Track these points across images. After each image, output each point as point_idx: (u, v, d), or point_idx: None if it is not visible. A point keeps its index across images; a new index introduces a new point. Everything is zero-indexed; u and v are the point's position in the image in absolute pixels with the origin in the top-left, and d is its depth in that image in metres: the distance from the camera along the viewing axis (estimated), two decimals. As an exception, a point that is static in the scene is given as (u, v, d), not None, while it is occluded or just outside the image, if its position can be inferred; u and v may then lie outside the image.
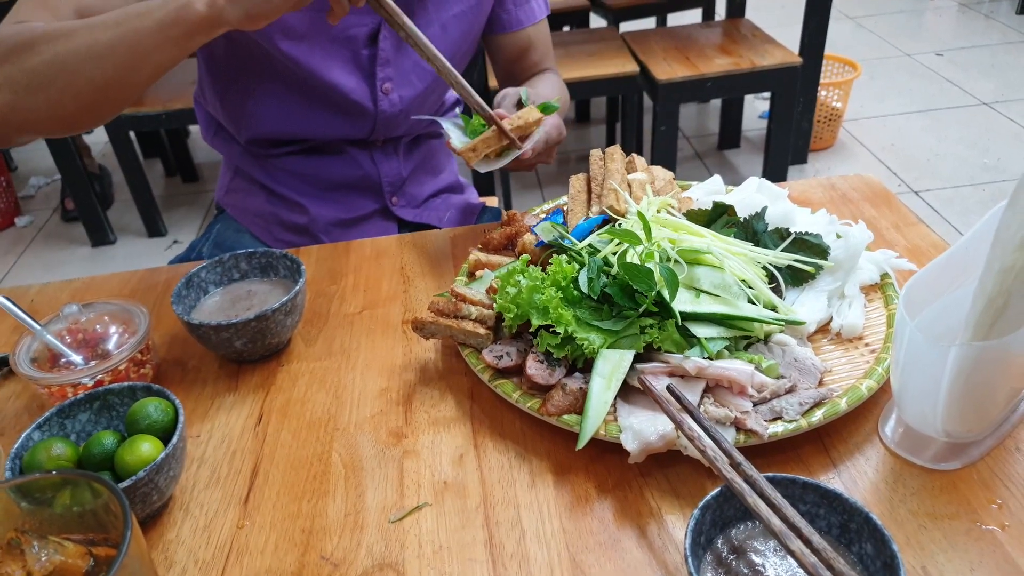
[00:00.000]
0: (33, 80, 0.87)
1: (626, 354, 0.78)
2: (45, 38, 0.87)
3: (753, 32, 2.91)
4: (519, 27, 1.30)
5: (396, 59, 1.18)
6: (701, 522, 0.60)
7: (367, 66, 1.17)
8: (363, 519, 0.72)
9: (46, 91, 0.88)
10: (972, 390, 0.65)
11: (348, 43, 1.15)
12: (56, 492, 0.56)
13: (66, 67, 0.86)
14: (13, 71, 0.87)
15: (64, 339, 0.88)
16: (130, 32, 0.86)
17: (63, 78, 0.87)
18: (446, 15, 1.19)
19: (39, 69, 0.87)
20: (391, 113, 1.22)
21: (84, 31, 0.87)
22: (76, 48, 0.86)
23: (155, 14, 0.85)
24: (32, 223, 3.33)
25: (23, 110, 0.89)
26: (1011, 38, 4.27)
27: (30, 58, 0.87)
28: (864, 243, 0.90)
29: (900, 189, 3.00)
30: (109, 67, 0.87)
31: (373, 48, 1.16)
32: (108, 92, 0.90)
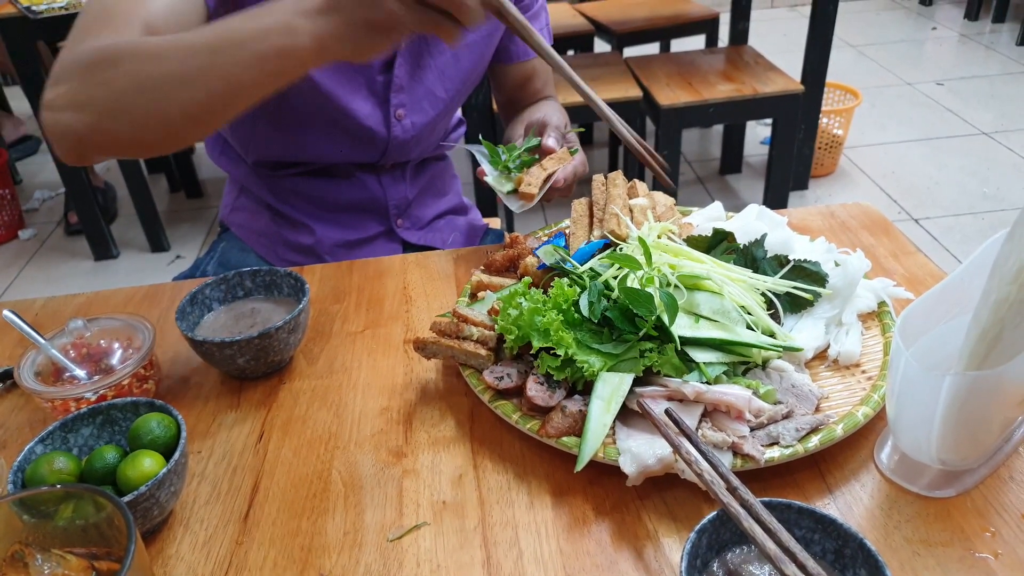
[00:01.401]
0: (117, 102, 0.82)
1: (625, 377, 0.79)
2: (130, 56, 0.81)
3: (756, 59, 2.94)
4: (526, 58, 1.33)
5: (410, 85, 1.20)
6: (697, 545, 0.60)
7: (381, 92, 1.19)
8: (362, 537, 0.72)
9: (130, 114, 0.82)
10: (966, 419, 0.66)
11: (364, 69, 1.16)
12: (59, 506, 0.56)
13: (153, 91, 0.80)
14: (96, 90, 0.82)
15: (68, 353, 0.88)
16: (226, 62, 0.78)
17: (150, 102, 0.81)
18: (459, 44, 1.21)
19: (125, 90, 0.81)
20: (403, 139, 1.24)
21: (174, 54, 0.80)
22: (165, 72, 0.80)
23: (254, 45, 0.77)
24: (35, 236, 3.34)
25: (105, 132, 0.84)
26: (1011, 69, 4.31)
27: (115, 78, 0.81)
28: (862, 271, 0.91)
29: (900, 217, 3.02)
30: (201, 95, 0.80)
31: (388, 75, 1.18)
32: (197, 120, 0.84)
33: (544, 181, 1.06)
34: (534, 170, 1.07)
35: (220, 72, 0.79)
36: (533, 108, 1.35)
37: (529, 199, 1.05)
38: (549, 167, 1.08)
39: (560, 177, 1.05)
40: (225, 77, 0.79)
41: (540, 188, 1.05)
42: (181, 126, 0.84)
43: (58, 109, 0.84)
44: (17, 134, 4.03)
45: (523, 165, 1.10)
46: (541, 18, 1.33)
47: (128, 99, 0.81)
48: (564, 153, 1.11)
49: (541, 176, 1.06)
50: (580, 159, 1.12)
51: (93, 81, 0.82)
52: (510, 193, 1.08)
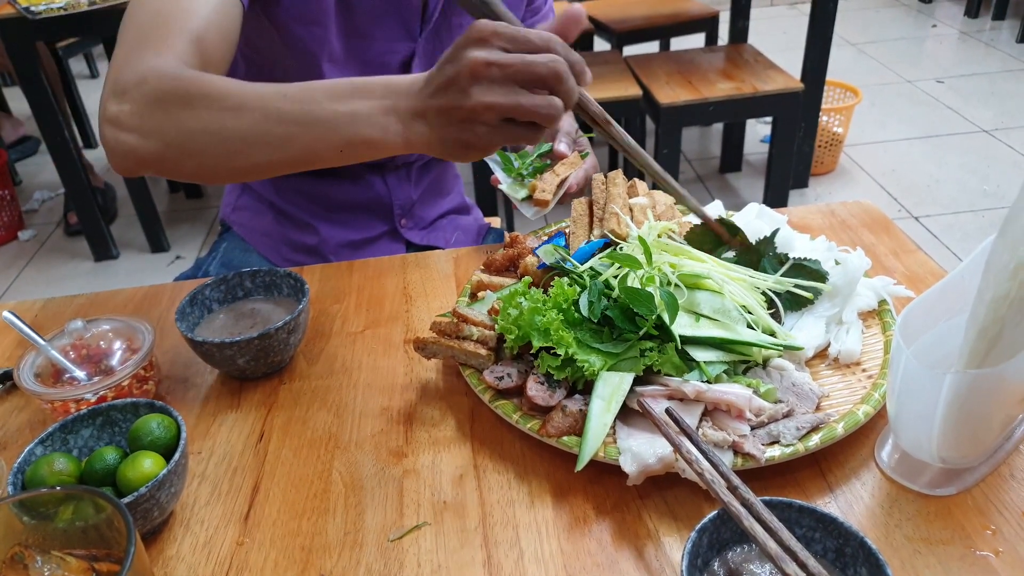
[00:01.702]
0: (188, 143, 0.81)
1: (626, 377, 0.79)
2: (206, 100, 0.80)
3: (755, 57, 2.94)
4: None
5: None
6: (698, 544, 0.60)
7: None
8: (363, 537, 0.72)
9: (199, 156, 0.82)
10: (967, 417, 0.66)
11: (381, 70, 1.16)
12: (58, 507, 0.56)
13: (229, 144, 0.80)
14: (167, 123, 0.82)
15: (68, 355, 0.88)
16: (310, 136, 0.77)
17: (223, 153, 0.81)
18: None
19: (197, 135, 0.81)
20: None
21: (256, 115, 0.78)
22: (245, 130, 0.79)
23: (343, 129, 0.76)
24: (35, 237, 3.34)
25: (169, 162, 0.85)
26: (1011, 66, 4.31)
27: (187, 118, 0.80)
28: (862, 270, 0.91)
29: (900, 215, 3.01)
30: (277, 158, 0.80)
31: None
32: (262, 172, 0.85)
33: (557, 187, 1.07)
34: (547, 176, 1.07)
35: (301, 144, 0.78)
36: None
37: (544, 205, 1.05)
38: (562, 172, 1.08)
39: (573, 182, 1.06)
40: (306, 149, 0.79)
41: (554, 194, 1.06)
42: (244, 174, 0.86)
43: (123, 129, 0.84)
44: (16, 135, 4.03)
45: (536, 171, 1.11)
46: (550, 18, 1.33)
47: (200, 144, 0.81)
48: (576, 158, 1.12)
49: (554, 182, 1.07)
50: (591, 163, 1.13)
51: (165, 114, 0.82)
52: (524, 200, 1.09)
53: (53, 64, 3.41)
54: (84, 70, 5.04)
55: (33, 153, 4.06)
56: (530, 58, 0.68)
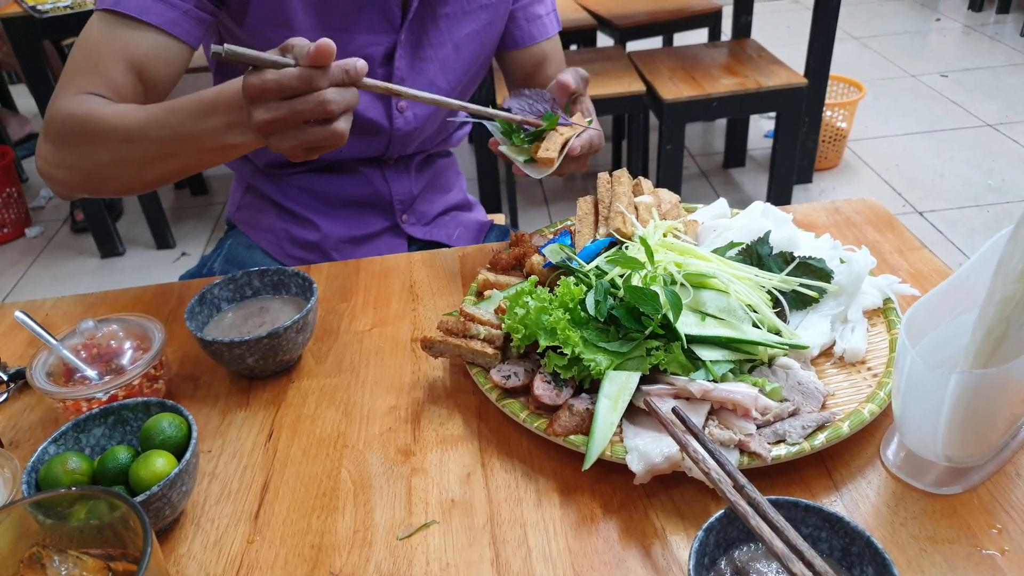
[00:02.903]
0: (102, 171, 0.98)
1: (632, 376, 0.79)
2: (106, 137, 0.94)
3: (759, 52, 2.93)
4: (532, 42, 1.32)
5: (411, 78, 1.20)
6: (705, 543, 0.61)
7: None
8: (372, 536, 0.73)
9: (111, 181, 1.00)
10: (973, 416, 0.66)
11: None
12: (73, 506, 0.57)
13: (132, 165, 0.96)
14: (76, 159, 0.98)
15: (79, 354, 0.89)
16: (184, 150, 0.93)
17: (130, 173, 0.97)
18: (459, 35, 1.21)
19: (107, 164, 0.97)
20: (406, 131, 1.24)
21: (138, 143, 0.93)
22: (133, 157, 0.95)
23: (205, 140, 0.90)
24: (42, 234, 3.35)
25: (92, 189, 1.02)
26: (1015, 60, 4.29)
27: (96, 153, 0.96)
28: (867, 268, 0.92)
29: (904, 210, 3.01)
30: (173, 167, 0.96)
31: (389, 67, 1.18)
32: (173, 179, 1.01)
33: (561, 147, 1.01)
34: (551, 135, 1.02)
35: (186, 156, 0.94)
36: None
37: (549, 164, 1.00)
38: (565, 133, 1.03)
39: (576, 144, 1.02)
40: (191, 159, 0.95)
41: (559, 152, 1.00)
42: (159, 184, 1.02)
43: (49, 164, 1.00)
44: (23, 132, 4.04)
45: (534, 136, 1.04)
46: (546, 2, 1.32)
47: (110, 171, 0.98)
48: (579, 120, 1.08)
49: (559, 141, 1.01)
50: (596, 132, 1.08)
51: (73, 151, 0.98)
52: (527, 162, 1.04)
53: (59, 62, 3.42)
54: (88, 67, 5.04)
55: (39, 150, 4.07)
56: (299, 107, 0.81)
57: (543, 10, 1.32)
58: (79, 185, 1.01)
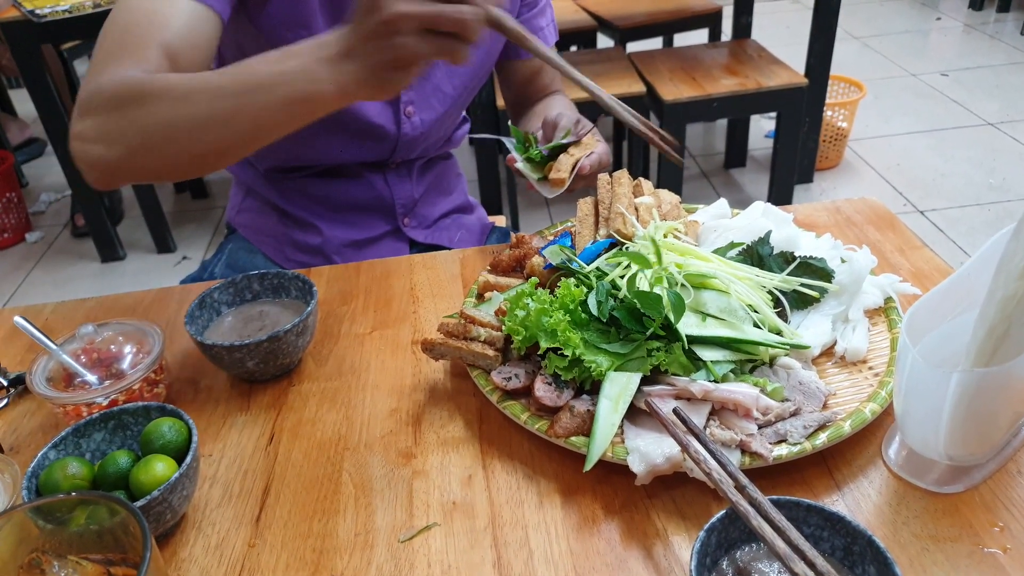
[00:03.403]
0: (148, 139, 0.86)
1: (633, 377, 0.79)
2: (159, 96, 0.84)
3: (759, 53, 2.93)
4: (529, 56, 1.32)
5: (419, 83, 1.21)
6: (706, 544, 0.61)
7: None
8: (373, 539, 0.73)
9: (161, 151, 0.86)
10: (974, 415, 0.66)
11: None
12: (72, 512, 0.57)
13: (183, 131, 0.84)
14: (125, 126, 0.86)
15: (79, 358, 0.89)
16: (253, 104, 0.82)
17: (180, 141, 0.85)
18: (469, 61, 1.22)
19: (153, 130, 0.85)
20: (412, 136, 1.24)
21: (202, 96, 0.83)
22: (194, 114, 0.83)
23: (279, 90, 0.80)
24: (42, 239, 3.36)
25: (135, 164, 0.89)
26: (1016, 58, 4.29)
27: (144, 116, 0.85)
28: (868, 268, 0.91)
29: (905, 209, 3.01)
30: (228, 135, 0.84)
31: None
32: (223, 155, 0.89)
33: (572, 167, 1.09)
34: (562, 158, 1.10)
35: (247, 115, 0.82)
36: (545, 103, 1.37)
37: (560, 184, 1.07)
38: (576, 154, 1.11)
39: (586, 164, 1.08)
40: (252, 119, 0.82)
41: (569, 174, 1.08)
42: (208, 160, 0.89)
43: (88, 141, 0.88)
44: (22, 137, 4.05)
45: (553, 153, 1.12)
46: (547, 14, 1.33)
47: (158, 138, 0.85)
48: (590, 139, 1.14)
49: (569, 163, 1.09)
50: (604, 148, 1.14)
51: (122, 118, 0.85)
52: (541, 180, 1.11)
53: (59, 66, 3.43)
54: (88, 72, 5.05)
55: (39, 155, 4.08)
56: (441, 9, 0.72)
57: (543, 22, 1.34)
58: (122, 161, 0.88)
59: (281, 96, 0.80)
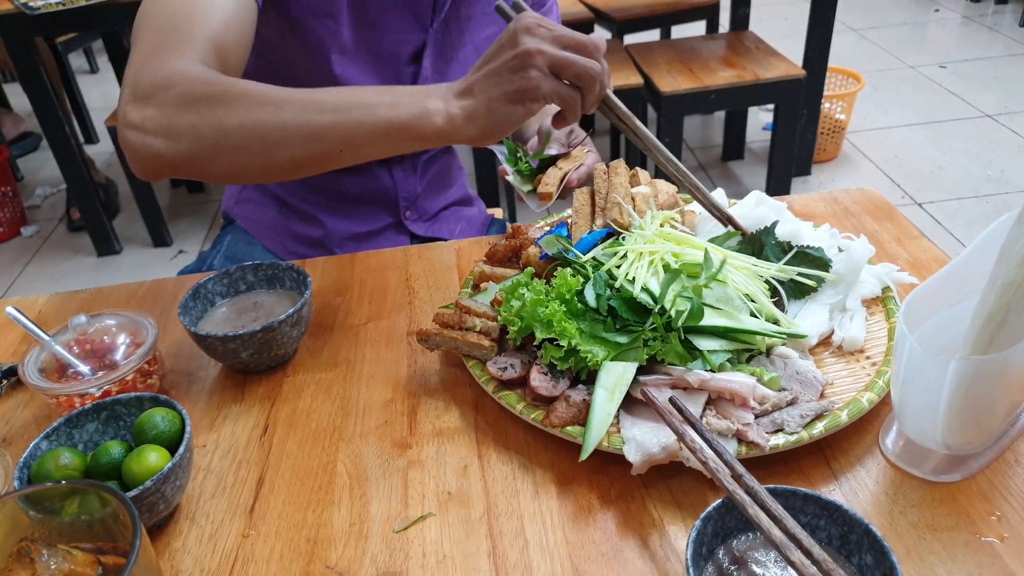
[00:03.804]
0: (223, 140, 0.82)
1: (629, 366, 0.79)
2: (246, 99, 0.82)
3: (757, 44, 2.92)
4: None
5: (434, 78, 1.21)
6: (703, 533, 0.60)
7: (408, 84, 1.19)
8: (368, 529, 0.73)
9: (234, 154, 0.83)
10: (972, 403, 0.66)
11: (392, 61, 1.17)
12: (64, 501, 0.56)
13: (267, 139, 0.81)
14: (200, 123, 0.82)
15: (72, 350, 0.88)
16: (351, 123, 0.80)
17: (258, 147, 0.82)
18: (479, 36, 1.23)
19: (233, 132, 0.81)
20: None
21: (295, 107, 0.81)
22: (284, 123, 0.80)
23: (382, 112, 0.78)
24: (38, 233, 3.35)
25: (200, 163, 0.85)
26: (1014, 50, 4.28)
27: (225, 116, 0.81)
28: (866, 257, 0.91)
29: (903, 201, 3.00)
30: (315, 149, 0.82)
31: (417, 66, 1.19)
32: (300, 169, 0.86)
33: (560, 180, 1.11)
34: (551, 171, 1.12)
35: (341, 131, 0.80)
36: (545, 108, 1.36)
37: (547, 198, 1.09)
38: (564, 167, 1.12)
39: (574, 177, 1.10)
40: (346, 137, 0.80)
41: (557, 187, 1.10)
42: (278, 172, 0.86)
43: (148, 133, 0.83)
44: (17, 131, 4.03)
45: (541, 166, 1.15)
46: (554, 12, 1.33)
47: (234, 139, 0.82)
48: (579, 153, 1.16)
49: (558, 176, 1.11)
50: (594, 160, 1.15)
51: (196, 114, 0.82)
52: (529, 192, 1.14)
53: (53, 60, 3.41)
54: (84, 65, 5.03)
55: (34, 149, 4.06)
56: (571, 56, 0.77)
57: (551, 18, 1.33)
58: (186, 158, 0.84)
59: (382, 118, 0.79)
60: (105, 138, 4.07)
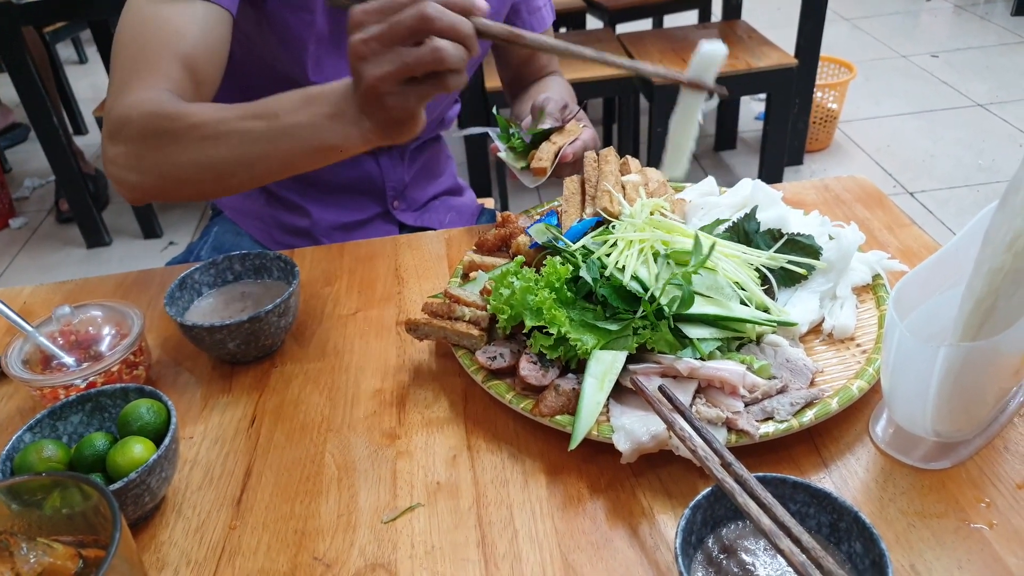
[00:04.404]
0: (182, 174, 0.89)
1: (619, 355, 0.78)
2: (191, 135, 0.86)
3: (749, 34, 2.91)
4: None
5: None
6: (692, 521, 0.60)
7: None
8: (356, 520, 0.72)
9: (196, 185, 0.91)
10: (961, 390, 0.65)
11: None
12: (46, 494, 0.56)
13: (215, 170, 0.87)
14: (160, 160, 0.89)
15: (56, 341, 0.87)
16: (282, 151, 0.84)
17: (213, 178, 0.88)
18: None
19: (188, 167, 0.88)
20: None
21: (234, 139, 0.85)
22: (226, 157, 0.86)
23: (307, 136, 0.82)
24: (27, 225, 3.32)
25: (167, 192, 0.93)
26: (1006, 39, 4.28)
27: (177, 154, 0.87)
28: (856, 244, 0.91)
29: (895, 190, 3.01)
30: (259, 173, 0.88)
31: None
32: (254, 185, 0.93)
33: (554, 155, 1.07)
34: (544, 145, 1.09)
35: (277, 158, 0.85)
36: (539, 85, 1.36)
37: (541, 173, 1.06)
38: (558, 141, 1.09)
39: (568, 151, 1.07)
40: (282, 161, 0.86)
41: (551, 162, 1.06)
42: (238, 189, 0.94)
43: (122, 167, 0.91)
44: (5, 122, 3.99)
45: (534, 141, 1.11)
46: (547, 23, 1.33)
47: (190, 173, 0.89)
48: (573, 126, 1.12)
49: (551, 150, 1.07)
50: (589, 135, 1.13)
51: (153, 151, 0.89)
52: (523, 168, 1.10)
53: (41, 49, 3.37)
54: (72, 55, 4.99)
55: (23, 140, 4.03)
56: (394, 18, 0.71)
57: (542, 2, 1.33)
58: (154, 190, 0.93)
59: (310, 144, 0.82)
60: (94, 129, 4.04)
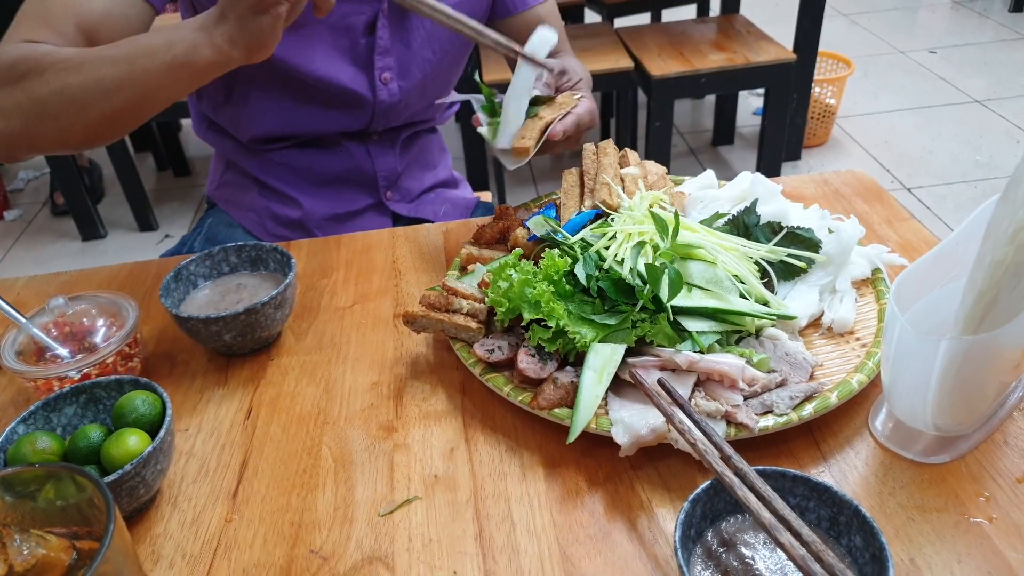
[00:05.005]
0: (43, 109, 0.89)
1: (617, 348, 0.78)
2: (54, 67, 0.88)
3: (747, 28, 2.91)
4: (524, 7, 1.27)
5: (395, 48, 1.18)
6: (691, 515, 0.60)
7: (365, 56, 1.16)
8: (353, 513, 0.72)
9: (56, 120, 0.90)
10: (962, 384, 0.65)
11: (346, 32, 1.14)
12: (40, 485, 0.55)
13: (75, 100, 0.88)
14: (22, 98, 0.89)
15: (50, 332, 0.87)
16: (139, 71, 0.86)
17: (72, 110, 0.88)
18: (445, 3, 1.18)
19: (48, 100, 0.88)
20: (390, 103, 1.22)
21: (93, 65, 0.87)
22: (85, 82, 0.87)
23: (162, 55, 0.85)
24: (21, 217, 3.30)
25: (33, 135, 0.92)
26: (1004, 36, 4.28)
27: (39, 87, 0.88)
28: (856, 238, 0.90)
29: (893, 186, 3.00)
30: (118, 101, 0.88)
31: (371, 37, 1.15)
32: (117, 122, 0.93)
33: (540, 133, 0.94)
34: (529, 122, 0.95)
35: (134, 81, 0.87)
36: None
37: (523, 154, 0.92)
38: (546, 116, 0.96)
39: (558, 129, 0.95)
40: (139, 85, 0.88)
41: (536, 140, 0.93)
42: (101, 128, 0.92)
43: None
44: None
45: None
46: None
47: (51, 107, 0.89)
48: (566, 98, 0.99)
49: (537, 128, 0.94)
50: (586, 108, 1.00)
51: (17, 90, 0.89)
52: (504, 150, 0.96)
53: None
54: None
55: (17, 132, 4.00)
56: None
57: None
58: (19, 133, 0.91)
59: (164, 62, 0.85)
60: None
